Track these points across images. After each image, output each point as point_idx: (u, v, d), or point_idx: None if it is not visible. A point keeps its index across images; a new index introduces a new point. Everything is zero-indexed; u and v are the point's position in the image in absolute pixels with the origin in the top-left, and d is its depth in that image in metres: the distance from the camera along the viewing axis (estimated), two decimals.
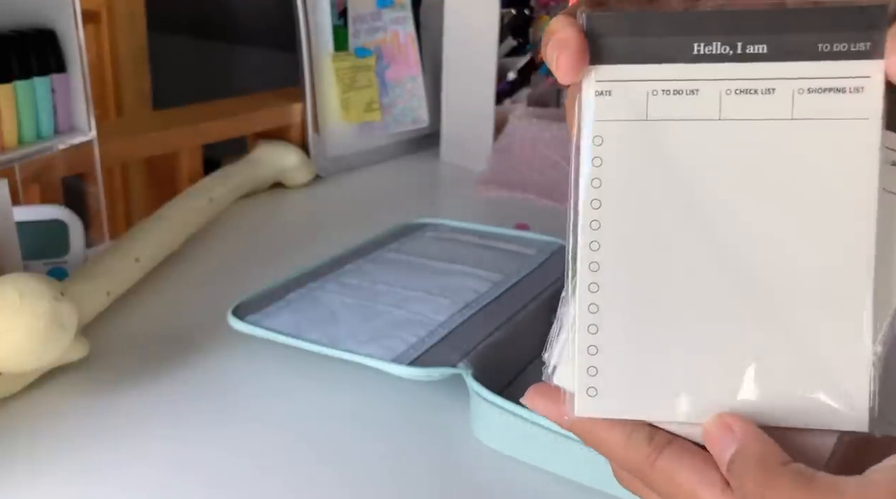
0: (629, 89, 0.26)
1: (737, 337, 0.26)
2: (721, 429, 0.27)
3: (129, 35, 1.49)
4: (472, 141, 1.02)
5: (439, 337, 0.55)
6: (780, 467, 0.26)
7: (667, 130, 0.26)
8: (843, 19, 0.25)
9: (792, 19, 0.25)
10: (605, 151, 0.26)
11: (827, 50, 0.25)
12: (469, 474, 0.47)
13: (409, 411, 0.52)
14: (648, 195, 0.26)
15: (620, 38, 0.26)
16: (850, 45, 0.25)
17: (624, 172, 0.26)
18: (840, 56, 0.25)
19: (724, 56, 0.26)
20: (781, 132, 0.26)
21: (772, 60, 0.26)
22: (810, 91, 0.25)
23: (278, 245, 0.79)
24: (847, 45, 0.25)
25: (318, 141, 0.97)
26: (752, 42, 0.26)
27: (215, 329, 0.59)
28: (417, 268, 0.66)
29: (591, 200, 0.27)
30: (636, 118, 0.26)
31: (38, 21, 0.65)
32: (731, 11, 0.26)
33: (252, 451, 0.48)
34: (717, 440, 0.27)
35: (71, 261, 0.65)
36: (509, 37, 1.01)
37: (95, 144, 0.71)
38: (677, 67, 0.26)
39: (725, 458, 0.27)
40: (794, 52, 0.25)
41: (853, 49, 0.25)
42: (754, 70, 0.26)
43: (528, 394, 0.30)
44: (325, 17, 0.95)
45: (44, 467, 0.46)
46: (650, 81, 0.26)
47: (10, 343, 0.47)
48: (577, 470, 0.45)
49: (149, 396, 0.53)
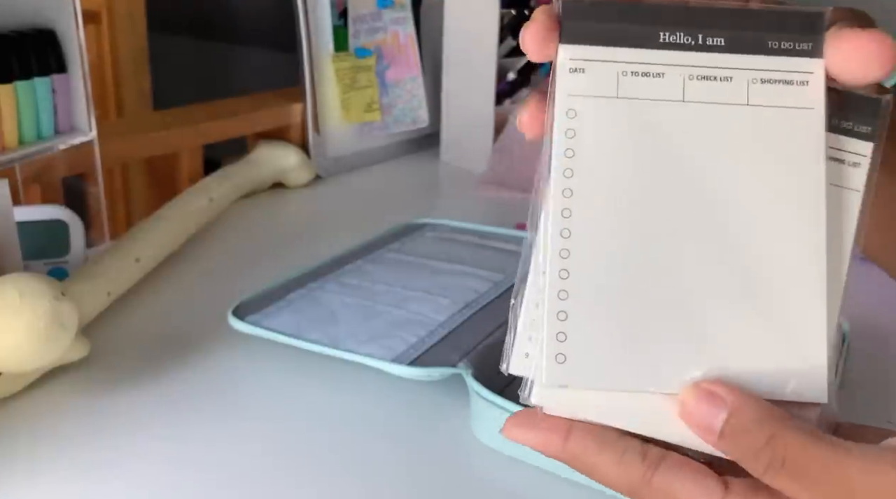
0: (601, 68, 0.28)
1: (705, 313, 0.27)
2: (702, 396, 0.27)
3: (130, 35, 1.49)
4: (472, 141, 1.02)
5: (439, 337, 0.55)
6: (787, 420, 0.26)
7: (635, 108, 0.28)
8: (789, 22, 0.29)
9: (746, 18, 0.28)
10: (578, 124, 0.28)
11: (776, 47, 0.28)
12: (469, 474, 0.47)
13: (409, 411, 0.52)
14: (618, 169, 0.28)
15: (593, 22, 0.28)
16: (796, 44, 0.28)
17: (596, 143, 0.28)
18: (787, 53, 0.28)
19: (686, 45, 0.28)
20: (739, 116, 0.28)
21: (729, 52, 0.28)
22: (763, 82, 0.28)
23: (278, 245, 0.79)
24: (793, 44, 0.28)
25: (319, 141, 0.97)
26: (712, 35, 0.28)
27: (215, 329, 0.59)
28: (417, 268, 0.66)
29: (563, 169, 0.28)
30: (608, 95, 0.28)
31: (39, 21, 0.66)
32: (694, 7, 0.28)
33: (252, 451, 0.48)
34: (700, 409, 0.27)
35: (71, 261, 0.65)
36: (509, 37, 1.01)
37: (96, 144, 0.71)
38: (645, 52, 0.28)
39: (716, 425, 0.26)
40: (748, 47, 0.28)
41: (798, 48, 0.28)
42: (713, 59, 0.28)
43: (506, 425, 0.29)
44: (326, 18, 0.95)
45: (44, 466, 0.46)
46: (620, 63, 0.28)
47: (10, 343, 0.47)
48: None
49: (149, 395, 0.53)
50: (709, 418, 0.26)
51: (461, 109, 1.02)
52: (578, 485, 0.45)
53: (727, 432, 0.26)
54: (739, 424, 0.26)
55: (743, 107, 0.28)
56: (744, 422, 0.26)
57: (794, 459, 0.25)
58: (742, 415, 0.26)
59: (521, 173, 0.93)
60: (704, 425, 0.27)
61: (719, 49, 0.28)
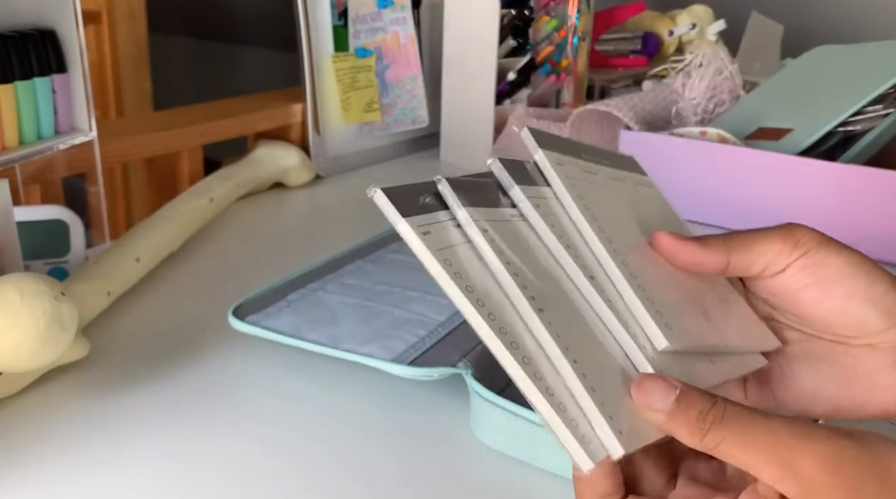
0: (441, 227, 0.32)
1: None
2: (652, 382, 0.30)
3: (130, 35, 1.50)
4: (472, 141, 1.02)
5: (439, 337, 0.55)
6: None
7: (479, 243, 0.32)
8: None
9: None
10: (459, 267, 0.31)
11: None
12: (469, 474, 0.47)
13: (409, 411, 0.52)
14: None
15: (410, 199, 0.32)
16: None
17: (482, 271, 0.31)
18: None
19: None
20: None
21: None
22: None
23: (278, 245, 0.79)
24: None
25: (319, 141, 0.97)
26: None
27: (215, 329, 0.59)
28: (418, 268, 0.66)
29: (475, 300, 0.30)
30: (460, 242, 0.32)
31: (39, 21, 0.66)
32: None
33: (252, 451, 0.48)
34: (654, 389, 0.30)
35: (71, 261, 0.65)
36: (509, 37, 1.01)
37: (96, 144, 0.71)
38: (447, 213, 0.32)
39: (669, 402, 0.29)
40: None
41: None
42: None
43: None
44: (326, 18, 0.95)
45: (44, 466, 0.46)
46: (445, 222, 0.32)
47: (10, 343, 0.47)
48: None
49: (149, 395, 0.53)
50: (662, 396, 0.30)
51: (461, 109, 1.02)
52: None
53: (680, 402, 0.30)
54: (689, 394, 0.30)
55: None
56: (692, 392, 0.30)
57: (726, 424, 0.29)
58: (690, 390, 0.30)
59: None
60: (657, 404, 0.30)
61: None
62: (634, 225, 0.37)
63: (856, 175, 0.77)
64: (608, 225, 0.35)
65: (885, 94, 0.83)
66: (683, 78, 0.94)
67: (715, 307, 0.36)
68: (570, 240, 0.34)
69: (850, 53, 0.96)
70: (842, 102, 0.84)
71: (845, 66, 0.93)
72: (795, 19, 1.28)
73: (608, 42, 1.26)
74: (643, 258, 0.35)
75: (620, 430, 0.29)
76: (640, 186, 0.41)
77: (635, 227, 0.37)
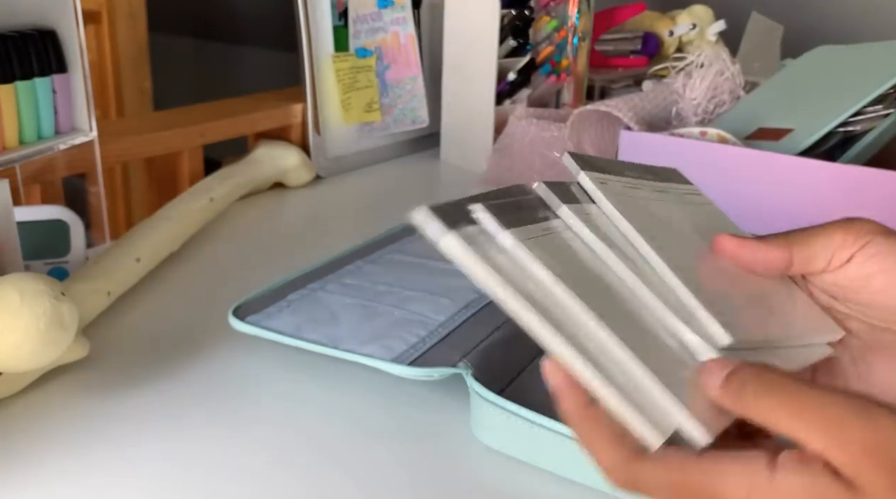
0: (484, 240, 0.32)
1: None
2: (713, 363, 0.31)
3: (130, 35, 1.50)
4: (472, 141, 1.02)
5: (440, 337, 0.55)
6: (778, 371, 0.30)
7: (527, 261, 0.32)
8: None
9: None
10: (509, 285, 0.31)
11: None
12: (469, 474, 0.47)
13: (409, 411, 0.52)
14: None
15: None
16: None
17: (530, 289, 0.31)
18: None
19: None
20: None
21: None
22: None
23: (278, 245, 0.79)
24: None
25: (319, 141, 0.97)
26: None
27: (216, 329, 0.59)
28: (418, 268, 0.66)
29: (535, 315, 0.30)
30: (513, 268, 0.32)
31: (39, 21, 0.66)
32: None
33: (252, 451, 0.48)
34: (712, 368, 0.31)
35: (72, 261, 0.65)
36: (509, 37, 1.01)
37: (96, 144, 0.71)
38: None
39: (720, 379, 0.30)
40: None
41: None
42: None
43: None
44: (326, 18, 0.95)
45: (44, 467, 0.46)
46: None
47: (10, 343, 0.47)
48: (577, 470, 0.45)
49: (149, 396, 0.53)
50: (719, 373, 0.31)
51: (461, 109, 1.02)
52: (578, 485, 0.45)
53: (731, 379, 0.30)
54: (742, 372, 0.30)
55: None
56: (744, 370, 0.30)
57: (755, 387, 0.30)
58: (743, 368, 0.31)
59: (521, 173, 0.93)
60: (712, 382, 0.31)
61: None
62: (689, 232, 0.38)
63: (856, 175, 0.77)
64: (658, 234, 0.36)
65: (885, 94, 0.83)
66: (684, 78, 0.94)
67: (779, 302, 0.37)
68: (623, 252, 0.35)
69: (850, 53, 0.96)
70: (842, 103, 0.84)
71: (845, 67, 0.93)
72: (795, 19, 1.28)
73: (608, 42, 1.26)
74: (703, 262, 0.36)
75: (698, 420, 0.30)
76: (687, 196, 0.43)
77: (690, 233, 0.38)
